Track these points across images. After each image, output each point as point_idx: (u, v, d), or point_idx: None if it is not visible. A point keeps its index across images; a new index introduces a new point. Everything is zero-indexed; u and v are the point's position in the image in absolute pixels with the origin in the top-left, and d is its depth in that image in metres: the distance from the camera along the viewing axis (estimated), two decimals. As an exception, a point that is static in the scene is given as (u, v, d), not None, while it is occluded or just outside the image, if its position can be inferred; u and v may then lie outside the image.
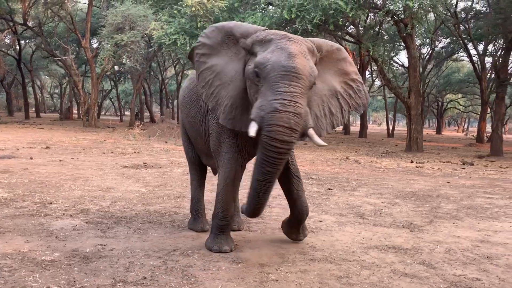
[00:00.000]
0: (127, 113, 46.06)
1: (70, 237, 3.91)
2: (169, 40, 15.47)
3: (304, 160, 11.51)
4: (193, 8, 14.71)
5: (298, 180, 3.80)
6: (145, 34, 18.39)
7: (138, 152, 11.64)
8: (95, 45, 26.17)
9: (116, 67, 29.06)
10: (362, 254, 3.73)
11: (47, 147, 11.59)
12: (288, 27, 13.98)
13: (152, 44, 18.36)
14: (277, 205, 5.67)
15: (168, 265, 3.29)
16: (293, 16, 12.57)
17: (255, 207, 3.36)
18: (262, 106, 2.92)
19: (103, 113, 50.31)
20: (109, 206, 5.20)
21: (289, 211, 3.97)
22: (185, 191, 6.33)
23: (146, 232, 4.15)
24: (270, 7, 15.28)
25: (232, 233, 4.21)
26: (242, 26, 3.41)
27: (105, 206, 5.19)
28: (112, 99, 51.96)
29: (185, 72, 35.64)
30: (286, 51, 3.00)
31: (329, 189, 7.03)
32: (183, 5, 15.26)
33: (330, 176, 8.55)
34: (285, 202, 5.77)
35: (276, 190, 6.61)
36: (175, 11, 16.14)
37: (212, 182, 5.98)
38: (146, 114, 40.45)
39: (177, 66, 36.87)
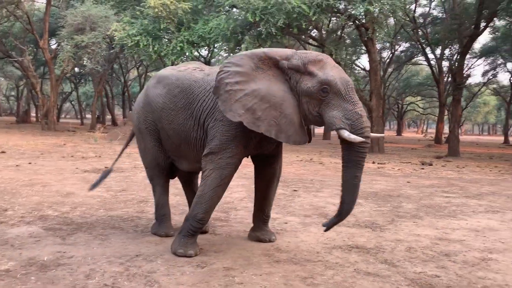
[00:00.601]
0: (88, 116, 44.84)
1: (26, 245, 3.75)
2: (132, 42, 15.22)
3: (269, 162, 11.55)
4: (156, 10, 14.55)
5: (277, 184, 4.16)
6: (107, 35, 17.99)
7: (100, 156, 11.35)
8: (54, 46, 25.33)
9: (76, 69, 28.26)
10: (326, 255, 3.77)
11: (3, 152, 11.10)
12: (253, 30, 14.04)
13: (113, 46, 17.98)
14: (242, 207, 5.66)
15: (131, 271, 3.21)
16: (257, 19, 12.63)
17: (353, 203, 3.62)
18: (347, 115, 3.36)
19: (63, 116, 48.79)
20: (69, 212, 5.03)
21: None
22: (149, 196, 6.20)
23: (107, 238, 4.04)
24: (235, 9, 15.31)
25: (200, 237, 4.18)
26: (277, 50, 3.64)
27: (65, 212, 5.01)
28: (73, 102, 50.46)
29: (148, 74, 35.07)
30: (340, 69, 3.54)
31: (294, 190, 7.09)
32: (146, 6, 15.04)
33: (295, 177, 8.63)
34: (250, 205, 5.78)
35: (241, 193, 6.62)
36: (138, 12, 15.91)
37: (176, 185, 5.90)
38: (108, 117, 39.52)
39: (140, 68, 36.26)
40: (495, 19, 19.78)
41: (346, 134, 3.33)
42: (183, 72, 4.00)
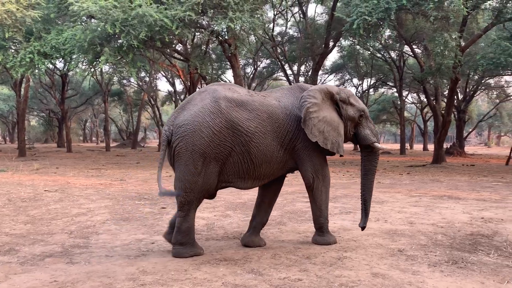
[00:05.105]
0: None
1: None
2: (-31, 52, 13.33)
3: (136, 180, 11.07)
4: (0, 17, 12.99)
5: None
6: None
7: None
8: None
9: None
10: (194, 271, 3.69)
11: None
12: (113, 42, 13.42)
13: None
14: (105, 231, 5.27)
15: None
16: (117, 31, 12.10)
17: (370, 206, 4.83)
18: (373, 132, 4.78)
19: None
20: None
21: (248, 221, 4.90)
22: (-8, 226, 5.41)
23: None
24: (93, 20, 14.47)
25: (54, 268, 3.75)
26: (332, 86, 4.75)
27: None
28: None
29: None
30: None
31: (163, 208, 6.88)
32: (-14, 12, 13.35)
33: (163, 194, 8.37)
34: (114, 227, 5.43)
35: (104, 215, 6.18)
36: (-24, 19, 14.00)
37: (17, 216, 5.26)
38: None
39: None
40: (341, 39, 22.16)
41: (379, 145, 4.77)
42: (257, 97, 4.40)
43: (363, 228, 4.77)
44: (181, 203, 4.15)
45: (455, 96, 25.06)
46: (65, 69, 23.48)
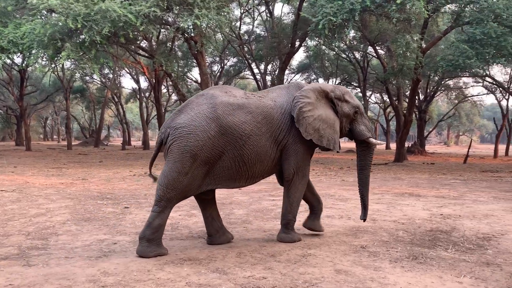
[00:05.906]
0: None
1: None
2: None
3: (99, 179, 10.80)
4: (-48, 8, 12.36)
5: None
6: None
7: None
8: None
9: None
10: (157, 272, 3.62)
11: None
12: (75, 37, 13.03)
13: None
14: (65, 231, 5.11)
15: None
16: (79, 26, 11.75)
17: (368, 199, 5.01)
18: (368, 128, 4.91)
19: None
20: None
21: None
22: None
23: None
24: (54, 14, 13.99)
25: (9, 271, 3.60)
26: (326, 84, 4.96)
27: None
28: None
29: None
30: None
31: (126, 207, 6.73)
32: None
33: (127, 194, 8.22)
34: (74, 228, 5.27)
35: (65, 215, 5.98)
36: None
37: None
38: None
39: None
40: (307, 39, 22.38)
41: (374, 140, 4.90)
42: (253, 99, 4.48)
43: (364, 220, 5.01)
44: (159, 197, 4.11)
45: (416, 97, 25.83)
46: (23, 65, 22.56)
